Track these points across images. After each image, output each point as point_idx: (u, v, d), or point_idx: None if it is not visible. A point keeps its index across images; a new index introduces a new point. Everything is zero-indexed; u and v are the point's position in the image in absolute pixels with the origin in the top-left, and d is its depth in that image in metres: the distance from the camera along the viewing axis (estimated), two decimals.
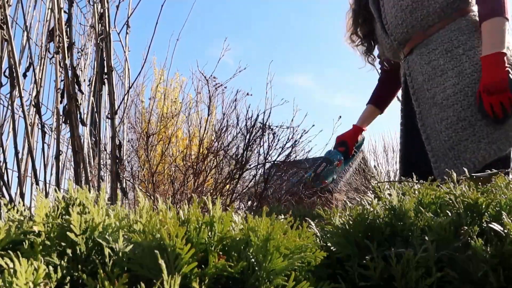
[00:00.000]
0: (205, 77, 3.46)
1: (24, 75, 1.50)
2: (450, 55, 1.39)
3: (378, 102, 1.88)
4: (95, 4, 1.48)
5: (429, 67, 1.44)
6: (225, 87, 3.60)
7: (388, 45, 1.63)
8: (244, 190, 3.34)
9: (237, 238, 0.61)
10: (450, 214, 0.68)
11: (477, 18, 1.41)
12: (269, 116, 3.30)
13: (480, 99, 1.29)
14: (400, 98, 1.71)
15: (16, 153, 1.38)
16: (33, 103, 1.52)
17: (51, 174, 1.94)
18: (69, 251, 0.56)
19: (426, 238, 0.62)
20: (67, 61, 1.38)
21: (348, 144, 1.81)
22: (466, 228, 0.63)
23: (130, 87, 1.76)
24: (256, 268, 0.57)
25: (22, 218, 0.62)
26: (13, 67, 1.34)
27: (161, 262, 0.47)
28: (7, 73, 1.37)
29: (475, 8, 1.44)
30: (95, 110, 1.82)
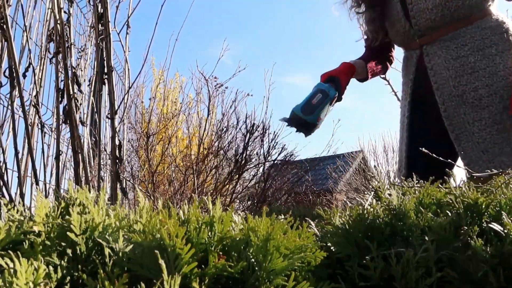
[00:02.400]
0: (204, 77, 3.46)
1: (24, 75, 1.49)
2: (481, 54, 1.36)
3: (368, 62, 1.65)
4: (95, 4, 1.48)
5: (456, 63, 1.39)
6: (226, 87, 3.60)
7: (402, 30, 1.52)
8: (244, 190, 3.34)
9: (237, 238, 0.61)
10: (450, 214, 0.68)
11: (503, 19, 1.40)
12: (268, 117, 3.30)
13: None
14: (393, 87, 1.60)
15: (16, 153, 1.38)
16: (33, 103, 1.52)
17: (51, 174, 1.94)
18: (69, 251, 0.56)
19: (426, 238, 0.62)
20: (67, 61, 1.38)
21: (340, 81, 1.48)
22: (466, 228, 0.63)
23: (130, 87, 1.76)
24: (256, 268, 0.57)
25: (22, 218, 0.62)
26: (13, 67, 1.34)
27: (161, 262, 0.47)
28: (7, 73, 1.37)
29: (493, 9, 1.42)
30: (95, 110, 1.82)
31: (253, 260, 0.58)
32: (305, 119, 1.39)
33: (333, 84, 1.47)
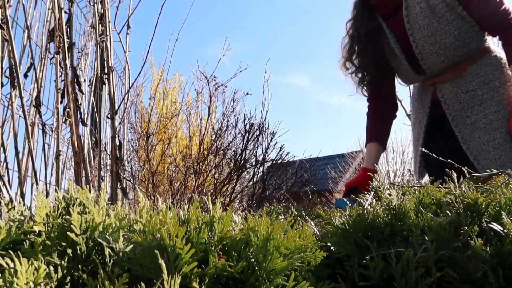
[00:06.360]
0: (205, 77, 3.46)
1: (25, 76, 1.50)
2: (487, 87, 1.58)
3: (379, 138, 1.83)
4: (95, 4, 1.48)
5: (467, 96, 1.60)
6: (225, 87, 3.60)
7: (417, 80, 1.73)
8: (244, 190, 3.34)
9: (237, 238, 0.61)
10: (450, 214, 0.68)
11: (500, 55, 1.60)
12: (266, 116, 3.31)
13: None
14: (410, 115, 1.78)
15: (17, 153, 1.38)
16: (33, 103, 1.53)
17: (51, 174, 1.94)
18: (69, 251, 0.57)
19: (426, 238, 0.62)
20: (67, 61, 1.38)
21: (360, 190, 1.73)
22: (466, 228, 0.63)
23: (130, 87, 1.76)
24: (256, 268, 0.57)
25: (22, 218, 0.62)
26: (14, 67, 1.34)
27: (161, 262, 0.47)
28: (7, 74, 1.37)
29: (491, 45, 1.62)
30: (95, 110, 1.82)
31: (253, 260, 0.58)
32: None
33: (353, 196, 1.68)
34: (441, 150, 1.69)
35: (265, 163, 3.35)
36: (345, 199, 1.64)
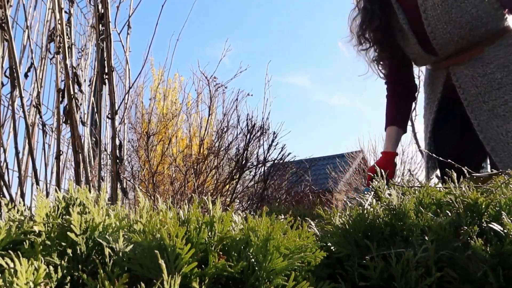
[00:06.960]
0: (206, 77, 3.46)
1: (25, 76, 1.50)
2: (507, 70, 1.44)
3: (399, 121, 1.74)
4: (95, 5, 1.48)
5: (484, 80, 1.47)
6: (226, 87, 3.60)
7: (427, 61, 1.62)
8: (244, 190, 3.34)
9: (237, 238, 0.61)
10: (450, 214, 0.68)
11: None
12: (268, 117, 3.31)
13: None
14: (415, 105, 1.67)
15: (17, 153, 1.38)
16: (33, 103, 1.53)
17: (51, 174, 1.94)
18: (69, 251, 0.57)
19: (426, 238, 0.62)
20: (68, 61, 1.38)
21: (387, 172, 1.64)
22: (466, 228, 0.63)
23: (130, 87, 1.76)
24: (256, 268, 0.57)
25: (22, 218, 0.62)
26: (14, 67, 1.34)
27: (161, 262, 0.47)
28: (7, 73, 1.37)
29: (511, 23, 1.49)
30: (96, 110, 1.82)
31: (253, 260, 0.58)
32: None
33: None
34: (452, 137, 1.60)
35: (266, 163, 3.35)
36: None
